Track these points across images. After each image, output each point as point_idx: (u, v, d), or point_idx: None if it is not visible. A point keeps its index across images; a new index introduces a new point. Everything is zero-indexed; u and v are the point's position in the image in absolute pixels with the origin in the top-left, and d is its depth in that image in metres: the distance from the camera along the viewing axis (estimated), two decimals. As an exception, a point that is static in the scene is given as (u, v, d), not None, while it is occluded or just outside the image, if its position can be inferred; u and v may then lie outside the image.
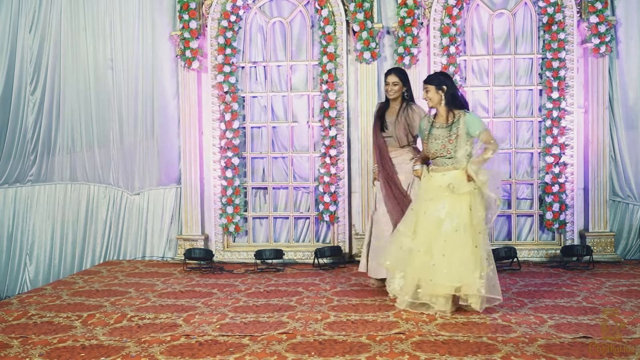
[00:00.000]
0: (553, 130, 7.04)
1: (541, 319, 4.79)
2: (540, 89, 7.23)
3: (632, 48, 7.17)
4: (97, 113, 7.76)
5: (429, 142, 5.15)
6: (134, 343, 4.34)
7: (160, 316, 5.04)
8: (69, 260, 7.80)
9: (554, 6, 7.02)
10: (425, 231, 5.02)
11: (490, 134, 5.11)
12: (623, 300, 5.32)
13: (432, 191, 5.10)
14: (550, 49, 7.05)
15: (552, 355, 3.97)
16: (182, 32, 7.27)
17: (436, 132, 5.12)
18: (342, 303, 5.37)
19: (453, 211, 4.96)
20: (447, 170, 5.07)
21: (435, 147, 5.11)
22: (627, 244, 7.28)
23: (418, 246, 5.02)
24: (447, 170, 5.08)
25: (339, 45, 7.22)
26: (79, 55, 7.76)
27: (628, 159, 7.22)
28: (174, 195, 7.67)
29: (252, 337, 4.44)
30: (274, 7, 7.53)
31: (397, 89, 5.76)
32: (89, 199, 7.82)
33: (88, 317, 5.01)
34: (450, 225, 4.94)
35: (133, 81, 7.66)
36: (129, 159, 7.75)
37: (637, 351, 4.02)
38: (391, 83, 5.77)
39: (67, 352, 4.19)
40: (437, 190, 5.06)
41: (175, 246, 7.59)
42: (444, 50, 7.11)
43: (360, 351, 4.10)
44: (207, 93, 7.41)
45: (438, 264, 4.89)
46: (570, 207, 7.08)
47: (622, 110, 7.18)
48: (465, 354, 4.03)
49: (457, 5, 7.12)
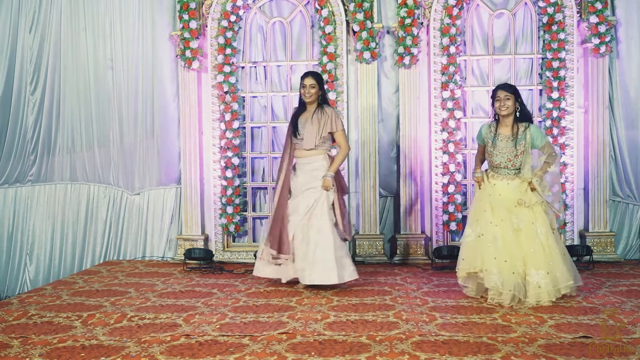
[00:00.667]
0: (553, 130, 7.05)
1: (541, 318, 4.79)
2: (541, 89, 7.23)
3: (632, 48, 7.17)
4: (97, 113, 7.77)
5: (493, 153, 5.41)
6: (134, 343, 4.34)
7: (160, 316, 5.03)
8: (69, 260, 7.80)
9: (554, 6, 7.02)
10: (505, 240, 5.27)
11: (552, 146, 5.46)
12: (623, 300, 5.32)
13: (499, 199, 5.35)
14: (550, 49, 7.05)
15: (552, 355, 3.97)
16: (182, 32, 7.27)
17: (501, 144, 5.38)
18: (342, 303, 5.37)
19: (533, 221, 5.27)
20: (511, 179, 5.40)
21: (500, 159, 5.39)
22: (627, 244, 7.29)
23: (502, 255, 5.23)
24: (510, 180, 5.39)
25: (339, 45, 7.22)
26: (79, 55, 7.76)
27: (628, 158, 7.22)
28: (174, 195, 7.68)
29: (252, 337, 4.44)
30: (274, 7, 7.53)
31: (314, 92, 5.75)
32: (89, 199, 7.82)
33: (88, 317, 5.00)
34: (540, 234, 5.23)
35: (133, 81, 7.66)
36: (129, 159, 7.75)
37: (637, 351, 4.02)
38: (308, 85, 5.75)
39: (67, 352, 4.19)
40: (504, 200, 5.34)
41: (175, 246, 7.59)
42: (444, 50, 7.11)
43: (360, 351, 4.10)
44: (207, 93, 7.41)
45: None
46: (570, 207, 7.08)
47: (622, 110, 7.18)
48: (465, 354, 4.02)
49: (457, 5, 7.12)
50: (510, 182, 5.38)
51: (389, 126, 7.43)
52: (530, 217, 5.27)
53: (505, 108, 5.37)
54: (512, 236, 5.24)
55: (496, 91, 5.46)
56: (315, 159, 5.81)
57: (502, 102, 5.38)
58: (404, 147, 7.22)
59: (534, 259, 5.17)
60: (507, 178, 5.39)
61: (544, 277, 5.12)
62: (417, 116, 7.22)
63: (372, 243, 7.24)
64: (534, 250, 5.19)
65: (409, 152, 7.21)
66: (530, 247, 5.21)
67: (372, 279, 6.33)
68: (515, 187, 5.36)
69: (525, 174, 5.35)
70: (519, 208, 5.29)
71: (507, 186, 5.38)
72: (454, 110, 7.11)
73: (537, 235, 5.22)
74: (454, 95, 7.10)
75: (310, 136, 5.74)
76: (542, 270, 5.13)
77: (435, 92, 7.15)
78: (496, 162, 5.42)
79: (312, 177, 5.79)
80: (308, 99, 5.79)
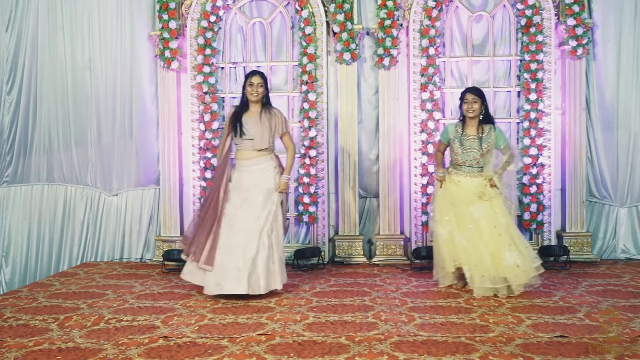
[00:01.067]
0: (531, 131, 7.10)
1: (519, 318, 4.82)
2: (519, 91, 7.28)
3: (609, 50, 7.25)
4: (74, 113, 7.68)
5: (461, 152, 5.75)
6: (111, 345, 4.31)
7: (138, 318, 5.00)
8: (45, 262, 7.71)
9: (532, 8, 7.08)
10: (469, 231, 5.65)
11: (512, 147, 5.79)
12: (599, 299, 5.37)
13: (462, 195, 5.72)
14: (529, 50, 7.11)
15: (530, 354, 4.00)
16: (161, 32, 7.23)
17: (468, 144, 5.74)
18: (321, 304, 5.37)
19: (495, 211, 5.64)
20: (474, 176, 5.73)
21: (466, 157, 5.75)
22: (603, 244, 7.36)
23: (473, 250, 5.62)
24: (474, 177, 5.73)
25: (319, 46, 7.23)
26: (57, 54, 7.67)
27: (604, 160, 7.30)
28: (152, 196, 7.62)
29: (230, 338, 4.42)
30: (254, 8, 7.51)
31: (261, 90, 5.67)
32: (66, 199, 7.74)
33: (65, 320, 4.96)
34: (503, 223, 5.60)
35: (111, 81, 7.60)
36: (107, 160, 7.68)
37: (613, 349, 4.07)
38: (256, 84, 5.66)
39: (44, 355, 4.14)
40: (468, 195, 5.68)
41: (153, 247, 7.54)
42: (424, 52, 7.14)
43: (340, 352, 4.10)
44: (187, 93, 7.37)
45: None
46: (547, 208, 7.14)
47: (599, 111, 7.26)
48: (444, 354, 4.04)
49: (436, 7, 7.15)
50: (474, 179, 5.72)
51: (368, 127, 7.44)
52: (491, 209, 5.62)
53: (473, 110, 5.71)
54: (477, 231, 5.60)
55: (465, 94, 5.80)
56: (264, 159, 5.72)
57: (469, 104, 5.72)
58: (384, 148, 7.24)
59: (504, 243, 5.53)
60: (471, 175, 5.74)
61: (518, 256, 5.46)
62: (397, 117, 7.24)
63: (352, 244, 7.25)
64: (502, 236, 5.54)
65: (388, 153, 7.23)
66: (498, 233, 5.55)
67: (351, 280, 6.34)
68: (477, 183, 5.70)
69: (486, 171, 5.74)
70: (480, 202, 5.63)
71: (470, 182, 5.72)
72: (433, 111, 7.14)
73: (501, 224, 5.57)
74: (433, 97, 7.13)
75: (262, 136, 5.65)
76: (515, 251, 5.48)
77: (415, 93, 7.17)
78: (462, 160, 5.77)
79: (262, 178, 5.66)
80: (255, 98, 5.67)
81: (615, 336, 4.34)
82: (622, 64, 7.24)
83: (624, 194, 7.33)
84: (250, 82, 5.68)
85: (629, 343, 4.19)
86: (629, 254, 7.31)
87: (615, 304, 5.20)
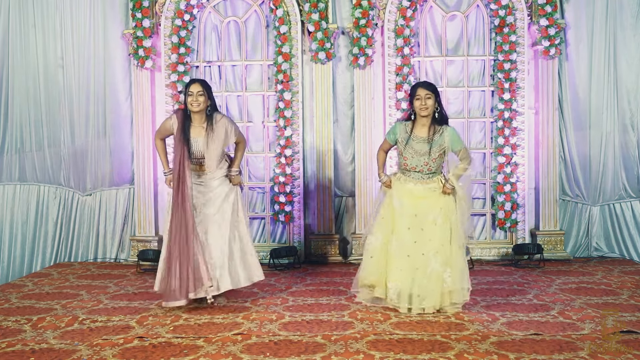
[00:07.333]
0: (505, 130, 7.17)
1: (493, 316, 4.87)
2: (492, 90, 7.34)
3: (581, 51, 7.33)
4: (47, 112, 7.58)
5: (408, 155, 5.08)
6: (85, 346, 4.27)
7: (113, 318, 4.96)
8: (17, 262, 7.60)
9: (506, 9, 7.14)
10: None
11: (468, 150, 5.18)
12: (572, 297, 5.44)
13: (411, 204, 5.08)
14: (502, 50, 7.17)
15: (504, 352, 4.04)
16: (135, 31, 7.17)
17: (417, 146, 5.06)
18: (297, 303, 5.37)
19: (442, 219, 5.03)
20: (425, 183, 5.10)
21: (416, 162, 5.07)
22: (576, 242, 7.45)
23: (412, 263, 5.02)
24: (424, 183, 5.10)
25: (294, 45, 7.22)
26: (28, 53, 7.56)
27: (577, 159, 7.39)
28: (126, 196, 7.56)
29: (206, 338, 4.41)
30: (229, 7, 7.48)
31: (202, 100, 5.18)
32: (39, 199, 7.64)
33: (38, 321, 4.90)
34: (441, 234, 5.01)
35: (84, 80, 7.51)
36: (81, 159, 7.59)
37: (586, 347, 4.12)
38: (196, 93, 5.18)
39: (17, 356, 4.09)
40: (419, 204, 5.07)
41: (128, 247, 7.48)
42: (398, 51, 7.17)
43: (316, 351, 4.11)
44: (161, 92, 7.33)
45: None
46: (521, 206, 7.21)
47: (572, 111, 7.34)
48: (420, 352, 4.07)
49: (411, 7, 7.18)
50: (425, 186, 5.09)
51: (344, 126, 7.45)
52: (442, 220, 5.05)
53: (426, 108, 5.02)
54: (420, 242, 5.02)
55: (416, 89, 5.11)
56: (220, 168, 5.37)
57: (422, 100, 5.03)
58: (359, 147, 7.25)
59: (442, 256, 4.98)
60: (421, 182, 5.10)
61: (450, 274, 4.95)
62: (372, 116, 7.26)
63: (328, 243, 7.26)
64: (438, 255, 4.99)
65: (364, 152, 7.24)
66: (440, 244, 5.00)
67: (327, 279, 6.34)
68: (429, 190, 5.09)
69: (439, 177, 5.13)
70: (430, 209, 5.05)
71: (421, 190, 5.09)
72: (408, 110, 7.16)
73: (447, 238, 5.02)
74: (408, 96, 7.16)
75: (214, 155, 5.27)
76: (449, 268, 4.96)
77: (390, 92, 7.20)
78: (411, 165, 5.10)
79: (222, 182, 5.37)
80: (197, 108, 5.19)
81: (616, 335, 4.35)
82: (594, 64, 7.33)
83: (596, 193, 7.43)
84: (189, 91, 5.22)
85: (601, 340, 4.25)
86: (602, 252, 7.41)
87: (588, 302, 5.27)
